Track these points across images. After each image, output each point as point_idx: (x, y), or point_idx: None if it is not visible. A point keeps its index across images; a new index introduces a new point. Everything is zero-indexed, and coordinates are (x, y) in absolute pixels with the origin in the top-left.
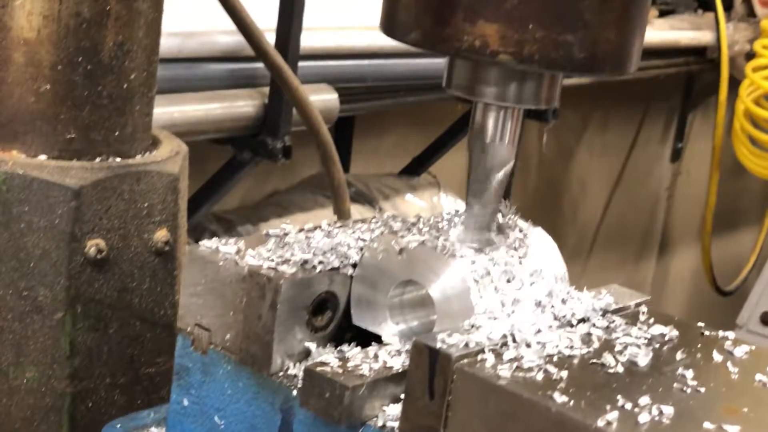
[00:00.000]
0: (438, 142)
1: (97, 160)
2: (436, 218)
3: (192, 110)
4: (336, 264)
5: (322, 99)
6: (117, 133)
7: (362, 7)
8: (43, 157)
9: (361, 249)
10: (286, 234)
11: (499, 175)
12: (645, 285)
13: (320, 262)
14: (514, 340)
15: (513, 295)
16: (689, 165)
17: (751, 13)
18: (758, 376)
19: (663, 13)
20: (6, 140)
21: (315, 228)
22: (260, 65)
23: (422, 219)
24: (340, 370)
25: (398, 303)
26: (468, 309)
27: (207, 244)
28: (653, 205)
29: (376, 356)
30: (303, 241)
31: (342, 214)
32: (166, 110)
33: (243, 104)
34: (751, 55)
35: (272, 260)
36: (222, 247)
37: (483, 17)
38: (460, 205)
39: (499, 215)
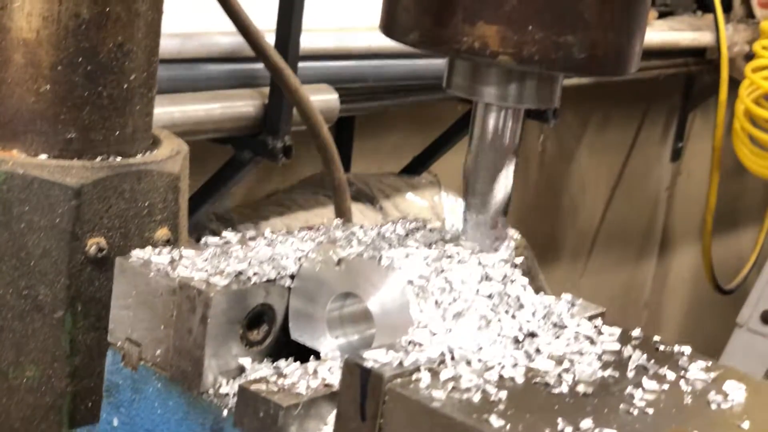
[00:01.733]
0: (438, 142)
1: (98, 159)
2: (383, 227)
3: (193, 110)
4: (273, 275)
5: (323, 99)
6: (117, 133)
7: (362, 7)
8: (43, 157)
9: (299, 259)
10: (226, 243)
11: (501, 175)
12: (645, 285)
13: (255, 274)
14: (453, 358)
15: (456, 308)
16: (689, 165)
17: (750, 15)
18: (712, 396)
19: (662, 15)
20: (6, 140)
21: (257, 237)
22: (260, 65)
23: (366, 228)
24: (276, 388)
25: (338, 316)
26: (407, 323)
27: (138, 254)
28: (653, 205)
29: (315, 372)
30: (241, 251)
31: (342, 213)
32: (167, 110)
33: (243, 104)
34: (750, 56)
35: (206, 271)
36: (154, 258)
37: (483, 18)
38: (461, 205)
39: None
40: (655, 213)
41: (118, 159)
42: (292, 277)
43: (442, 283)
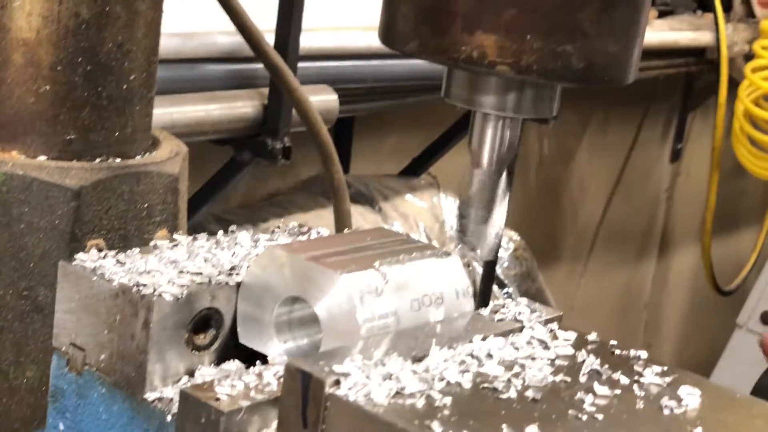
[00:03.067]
0: (438, 143)
1: (97, 160)
2: (330, 233)
3: (192, 111)
4: (220, 278)
5: (322, 100)
6: (117, 134)
7: (362, 7)
8: (42, 158)
9: (249, 262)
10: (175, 245)
11: (499, 184)
12: (645, 285)
13: (202, 277)
14: (401, 364)
15: (406, 313)
16: (689, 165)
17: (750, 14)
18: (665, 401)
19: (662, 14)
20: (5, 141)
21: (210, 238)
22: (260, 66)
23: (317, 230)
24: (219, 393)
25: (286, 321)
26: (354, 328)
27: (83, 257)
28: (653, 206)
29: (260, 376)
30: (189, 253)
31: (342, 215)
32: (166, 111)
33: (242, 105)
34: (750, 56)
35: (150, 274)
36: (100, 261)
37: (481, 28)
38: None
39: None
40: (654, 213)
41: (118, 160)
42: (239, 281)
43: (391, 286)
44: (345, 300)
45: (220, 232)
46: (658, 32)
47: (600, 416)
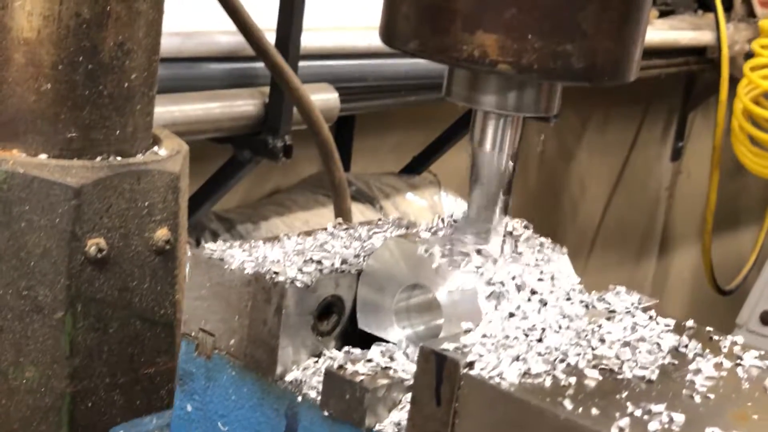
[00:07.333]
0: (438, 141)
1: (98, 159)
2: (439, 223)
3: (192, 109)
4: (342, 267)
5: (323, 98)
6: (118, 133)
7: (363, 6)
8: (43, 156)
9: (367, 252)
10: (290, 237)
11: (500, 183)
12: (645, 285)
13: (326, 266)
14: (524, 346)
15: (520, 302)
16: (689, 164)
17: (751, 14)
18: None
19: (663, 14)
20: (7, 139)
21: (320, 231)
22: (261, 65)
23: (426, 223)
24: (360, 372)
25: (404, 307)
26: (475, 313)
27: (212, 246)
28: (653, 205)
29: (392, 359)
30: (308, 244)
31: (343, 213)
32: (167, 109)
33: (243, 103)
34: (750, 55)
35: (279, 263)
36: (228, 250)
37: (482, 27)
38: (461, 204)
39: (526, 232)
40: (655, 212)
41: (118, 159)
42: (360, 269)
43: (508, 276)
44: (466, 286)
45: (330, 224)
46: (659, 31)
47: (711, 395)
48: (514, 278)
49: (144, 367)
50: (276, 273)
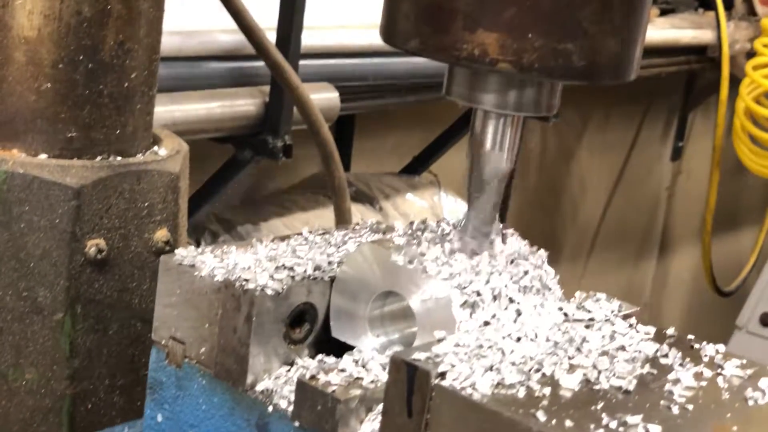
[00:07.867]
0: (439, 141)
1: (98, 159)
2: (419, 227)
3: (193, 109)
4: (315, 274)
5: (323, 97)
6: (118, 132)
7: (363, 5)
8: (43, 156)
9: (341, 258)
10: (267, 243)
11: (498, 182)
12: (645, 285)
13: (298, 272)
14: (498, 356)
15: (496, 310)
16: (690, 164)
17: (751, 12)
18: (749, 392)
19: (664, 12)
20: (6, 139)
21: (294, 236)
22: (261, 64)
23: (404, 228)
24: (331, 383)
25: (379, 315)
26: (449, 322)
27: (182, 252)
28: (653, 205)
29: (365, 368)
30: (283, 251)
31: (342, 214)
32: (167, 109)
33: (244, 103)
34: (751, 54)
35: (250, 270)
36: (198, 257)
37: (482, 26)
38: (461, 205)
39: (510, 238)
40: (655, 213)
41: (118, 159)
42: (332, 276)
43: (483, 283)
44: (440, 294)
45: (305, 229)
46: (660, 30)
47: (690, 406)
48: (488, 284)
49: (144, 368)
50: (246, 280)
